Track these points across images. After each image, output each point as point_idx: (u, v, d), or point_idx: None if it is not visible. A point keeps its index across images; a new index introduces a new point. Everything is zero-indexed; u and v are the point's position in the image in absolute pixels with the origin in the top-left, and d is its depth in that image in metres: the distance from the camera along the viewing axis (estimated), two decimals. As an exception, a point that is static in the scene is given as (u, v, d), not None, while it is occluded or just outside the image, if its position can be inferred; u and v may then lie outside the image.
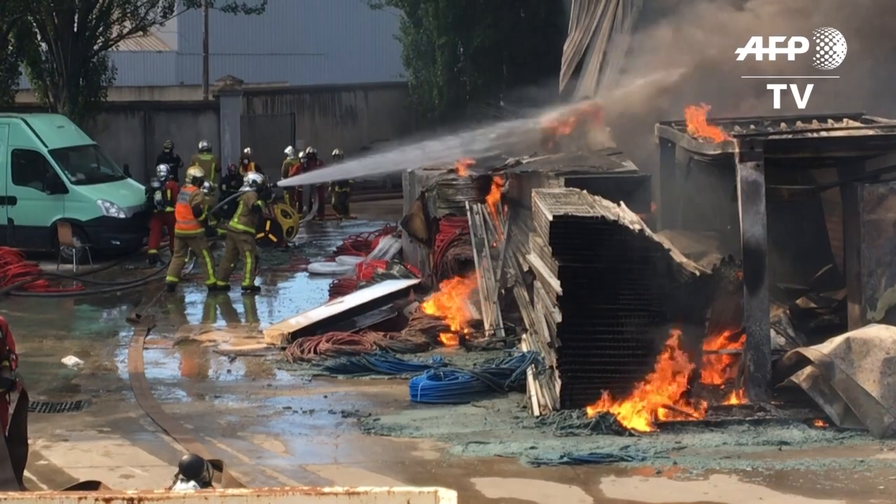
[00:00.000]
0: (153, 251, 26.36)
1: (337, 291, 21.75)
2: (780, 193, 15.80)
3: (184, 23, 43.24)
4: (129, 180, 29.15)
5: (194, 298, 23.34)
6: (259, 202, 23.41)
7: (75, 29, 31.55)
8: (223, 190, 30.14)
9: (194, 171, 24.57)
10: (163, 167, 27.68)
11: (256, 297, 23.16)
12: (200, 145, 32.76)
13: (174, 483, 9.63)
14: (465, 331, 18.77)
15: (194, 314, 22.24)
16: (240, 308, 22.66)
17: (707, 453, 13.41)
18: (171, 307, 22.57)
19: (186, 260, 23.93)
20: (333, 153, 33.44)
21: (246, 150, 33.42)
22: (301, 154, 33.61)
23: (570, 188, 17.47)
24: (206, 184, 24.73)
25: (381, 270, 22.10)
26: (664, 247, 14.61)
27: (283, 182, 27.81)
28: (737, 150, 14.94)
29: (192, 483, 9.59)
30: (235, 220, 23.47)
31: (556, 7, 28.19)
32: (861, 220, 15.32)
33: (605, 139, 21.00)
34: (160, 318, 21.45)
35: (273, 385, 16.87)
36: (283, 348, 18.34)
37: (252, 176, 24.60)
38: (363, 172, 27.89)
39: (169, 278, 23.34)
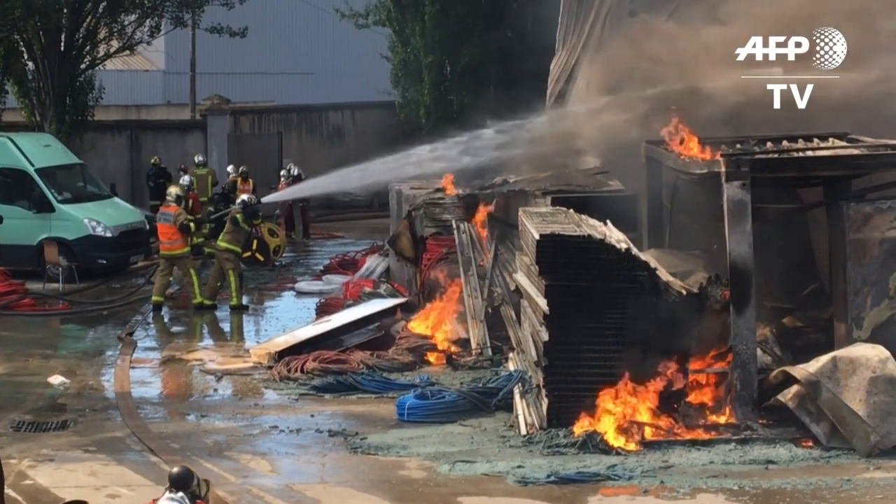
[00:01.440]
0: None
1: (324, 310, 21.74)
2: (766, 212, 15.85)
3: (171, 42, 43.33)
4: (116, 199, 29.12)
5: (181, 317, 23.27)
6: (238, 216, 23.43)
7: (62, 48, 31.56)
8: (216, 209, 30.10)
9: (175, 190, 24.50)
10: (186, 178, 29.01)
11: (244, 315, 23.12)
12: (196, 160, 32.77)
13: (163, 495, 9.59)
14: (452, 350, 18.76)
15: (181, 333, 22.19)
16: (226, 327, 22.62)
17: (694, 472, 13.42)
18: (158, 326, 22.53)
19: (171, 279, 23.88)
20: (288, 167, 33.32)
21: (242, 168, 33.16)
22: (283, 173, 33.49)
23: (557, 207, 17.51)
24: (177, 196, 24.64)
25: (368, 289, 22.09)
26: (651, 266, 14.64)
27: (266, 198, 27.77)
28: (723, 169, 14.98)
29: (181, 495, 9.54)
30: (220, 237, 23.58)
31: (543, 27, 28.24)
32: (847, 239, 15.37)
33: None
34: (147, 337, 21.45)
35: (260, 404, 16.83)
36: (270, 367, 18.31)
37: (243, 196, 24.77)
38: (343, 187, 27.96)
39: (154, 298, 23.26)
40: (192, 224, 23.87)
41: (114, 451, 14.65)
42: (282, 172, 33.53)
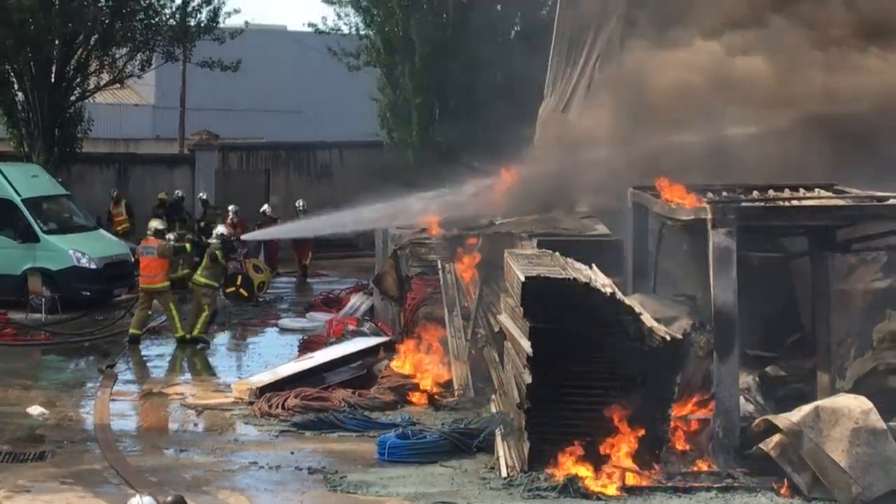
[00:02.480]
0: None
1: (307, 347, 21.69)
2: (750, 260, 15.88)
3: (161, 76, 43.36)
4: (102, 231, 29.09)
5: (162, 351, 23.17)
6: (217, 252, 23.44)
7: (52, 79, 31.57)
8: (195, 241, 29.96)
9: (156, 224, 24.35)
10: (231, 207, 30.71)
11: (226, 350, 23.04)
12: (177, 194, 32.81)
13: None
14: (435, 390, 18.70)
15: (161, 367, 22.10)
16: (208, 362, 22.51)
17: (675, 519, 13.38)
18: (137, 359, 22.41)
19: (150, 313, 23.79)
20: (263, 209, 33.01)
21: (231, 207, 32.91)
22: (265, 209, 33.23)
23: (543, 250, 17.51)
24: (170, 235, 24.62)
25: (351, 327, 22.06)
26: (635, 310, 14.62)
27: (246, 236, 27.69)
28: (710, 216, 15.01)
29: (149, 499, 9.44)
30: (198, 273, 23.59)
31: (533, 71, 28.39)
32: (831, 289, 15.40)
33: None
34: (128, 369, 21.36)
35: (239, 440, 16.74)
36: (251, 403, 18.23)
37: (220, 229, 24.64)
38: (327, 230, 28.02)
39: (132, 331, 23.17)
40: (186, 245, 24.02)
41: (91, 484, 14.55)
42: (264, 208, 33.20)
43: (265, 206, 33.13)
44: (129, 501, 9.50)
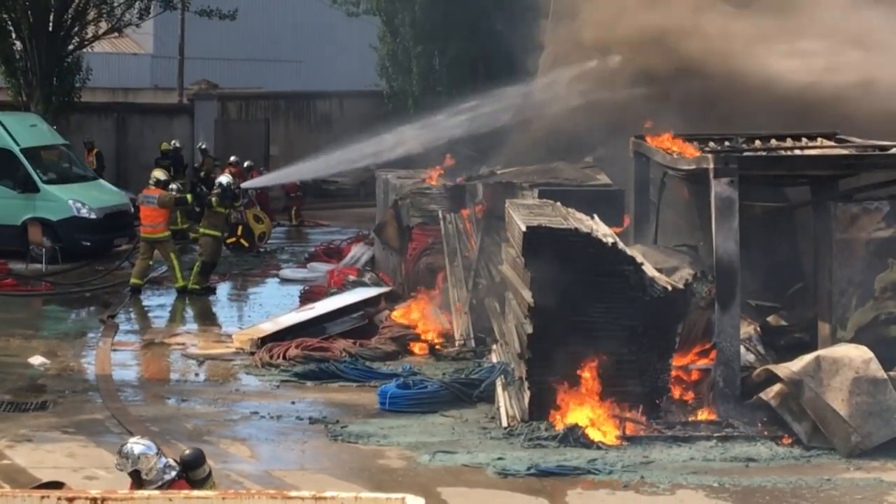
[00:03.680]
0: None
1: (308, 298, 21.68)
2: (753, 210, 15.84)
3: (160, 26, 43.10)
4: (101, 181, 28.99)
5: (163, 301, 23.17)
6: (213, 199, 23.42)
7: (50, 28, 31.38)
8: (197, 192, 29.89)
9: (158, 174, 24.25)
10: (233, 158, 30.27)
11: (228, 301, 23.04)
12: (173, 144, 32.71)
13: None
14: (436, 340, 18.71)
15: (162, 317, 22.10)
16: (209, 312, 22.52)
17: (674, 468, 13.40)
18: (139, 309, 22.41)
19: (152, 263, 23.77)
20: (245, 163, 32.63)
21: (232, 158, 32.71)
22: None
23: (544, 200, 17.47)
24: (173, 186, 24.52)
25: (352, 278, 22.04)
26: (636, 261, 14.61)
27: (245, 184, 27.57)
28: (711, 165, 14.95)
29: (167, 461, 9.46)
30: (201, 223, 23.63)
31: (533, 22, 28.22)
32: (833, 239, 15.37)
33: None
34: (129, 320, 21.37)
35: (241, 390, 16.77)
36: (252, 353, 18.24)
37: (222, 178, 24.59)
38: (326, 172, 27.91)
39: (133, 281, 23.15)
40: (188, 196, 24.17)
41: (93, 433, 14.59)
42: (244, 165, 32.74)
43: (247, 162, 32.51)
44: (127, 444, 9.54)
